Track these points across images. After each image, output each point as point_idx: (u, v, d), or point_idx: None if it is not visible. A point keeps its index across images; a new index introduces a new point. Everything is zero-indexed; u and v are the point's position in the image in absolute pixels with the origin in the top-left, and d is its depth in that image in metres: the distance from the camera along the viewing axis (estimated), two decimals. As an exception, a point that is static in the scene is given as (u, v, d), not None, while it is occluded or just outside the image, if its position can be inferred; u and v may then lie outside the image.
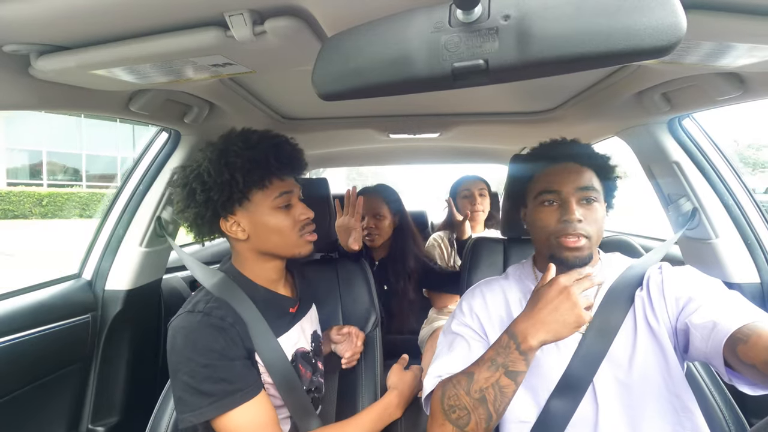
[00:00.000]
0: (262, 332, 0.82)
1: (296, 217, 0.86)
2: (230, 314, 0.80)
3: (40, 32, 0.65)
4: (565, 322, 0.69)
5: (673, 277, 0.81)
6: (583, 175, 0.83)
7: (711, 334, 0.67)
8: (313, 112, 1.48)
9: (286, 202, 0.85)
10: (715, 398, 0.88)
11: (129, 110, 1.00)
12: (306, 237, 0.88)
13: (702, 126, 1.19)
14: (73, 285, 1.24)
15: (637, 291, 0.82)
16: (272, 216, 0.83)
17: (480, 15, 0.44)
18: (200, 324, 0.77)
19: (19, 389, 1.03)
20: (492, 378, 0.71)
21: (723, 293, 0.75)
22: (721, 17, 0.59)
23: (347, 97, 0.51)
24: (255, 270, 0.88)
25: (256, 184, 0.81)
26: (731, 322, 0.65)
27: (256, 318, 0.82)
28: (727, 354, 0.64)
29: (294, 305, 0.94)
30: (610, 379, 0.77)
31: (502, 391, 0.71)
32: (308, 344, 0.95)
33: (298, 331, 0.93)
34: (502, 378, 0.71)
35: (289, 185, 0.86)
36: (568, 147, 0.91)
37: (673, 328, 0.77)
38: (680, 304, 0.76)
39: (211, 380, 0.74)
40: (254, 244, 0.86)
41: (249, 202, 0.82)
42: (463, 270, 1.26)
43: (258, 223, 0.83)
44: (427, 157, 2.48)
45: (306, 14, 0.62)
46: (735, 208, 1.15)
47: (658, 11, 0.40)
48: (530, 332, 0.70)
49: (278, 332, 0.87)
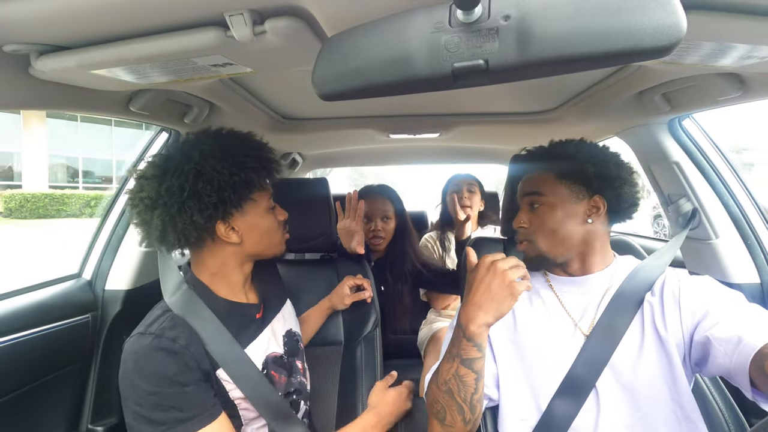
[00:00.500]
0: (225, 346, 0.78)
1: (277, 217, 0.90)
2: (184, 335, 0.74)
3: (40, 32, 0.65)
4: (500, 298, 0.71)
5: (692, 287, 0.78)
6: (532, 180, 0.88)
7: (736, 350, 0.64)
8: (313, 112, 1.48)
9: (273, 205, 0.89)
10: (715, 398, 0.87)
11: (129, 110, 1.00)
12: (283, 237, 0.92)
13: (702, 126, 1.19)
14: (73, 285, 1.24)
15: (647, 295, 0.80)
16: (265, 218, 0.86)
17: (480, 15, 0.44)
18: (149, 348, 0.71)
19: (19, 389, 1.03)
20: (451, 369, 0.74)
21: (745, 306, 0.72)
22: (721, 17, 0.59)
23: (347, 97, 0.51)
24: (223, 278, 0.84)
25: (256, 185, 0.83)
26: (758, 337, 0.62)
27: (218, 333, 0.78)
28: (753, 370, 0.61)
29: (259, 310, 0.90)
30: (613, 383, 0.76)
31: (463, 380, 0.73)
32: (280, 347, 0.92)
33: (268, 335, 0.90)
34: (459, 368, 0.73)
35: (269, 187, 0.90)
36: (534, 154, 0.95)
37: (687, 340, 0.74)
38: (697, 317, 0.73)
39: (161, 408, 0.69)
40: (243, 248, 0.84)
41: (250, 204, 0.83)
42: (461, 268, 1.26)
43: (253, 226, 0.84)
44: (427, 157, 2.48)
45: (306, 14, 0.62)
46: (735, 208, 1.15)
47: (659, 11, 0.40)
48: (470, 317, 0.72)
49: (245, 342, 0.83)
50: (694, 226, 1.17)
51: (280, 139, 1.67)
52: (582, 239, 0.84)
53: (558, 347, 0.81)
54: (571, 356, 0.79)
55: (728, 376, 0.67)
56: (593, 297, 0.84)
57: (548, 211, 0.84)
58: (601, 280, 0.85)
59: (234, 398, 0.80)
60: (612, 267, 0.86)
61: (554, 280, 0.89)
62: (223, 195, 0.77)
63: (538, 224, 0.85)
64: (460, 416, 0.74)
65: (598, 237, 0.85)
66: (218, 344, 0.77)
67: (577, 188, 0.84)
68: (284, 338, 0.94)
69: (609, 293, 0.83)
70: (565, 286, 0.87)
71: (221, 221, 0.80)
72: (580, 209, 0.83)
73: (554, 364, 0.80)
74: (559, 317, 0.85)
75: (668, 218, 1.27)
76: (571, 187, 0.84)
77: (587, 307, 0.84)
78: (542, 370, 0.81)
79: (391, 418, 0.98)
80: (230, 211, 0.80)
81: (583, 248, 0.85)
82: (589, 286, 0.85)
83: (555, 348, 0.81)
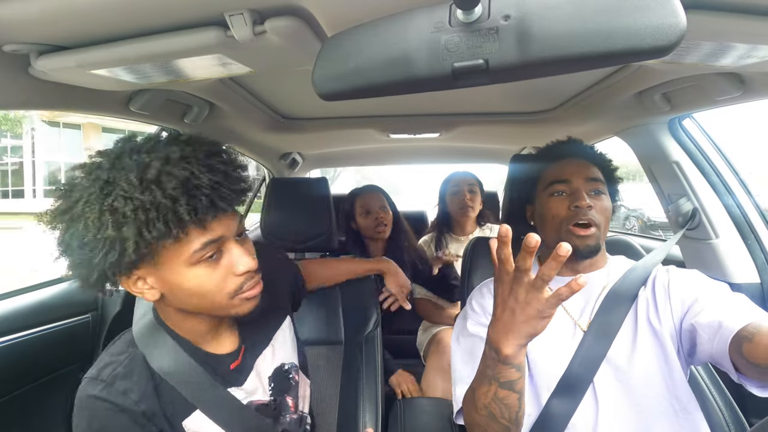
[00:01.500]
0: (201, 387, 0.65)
1: (228, 270, 0.61)
2: (138, 387, 0.62)
3: (40, 32, 0.65)
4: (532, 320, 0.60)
5: (680, 279, 0.81)
6: (591, 168, 0.87)
7: (717, 334, 0.67)
8: (313, 112, 1.48)
9: (211, 253, 0.60)
10: (715, 398, 0.87)
11: (129, 110, 1.00)
12: (243, 296, 0.63)
13: (702, 126, 1.19)
14: (73, 285, 1.24)
15: (640, 291, 0.82)
16: (188, 275, 0.59)
17: (480, 15, 0.44)
18: (96, 399, 0.60)
19: (19, 389, 1.03)
20: (490, 393, 0.67)
21: (729, 295, 0.75)
22: (721, 17, 0.59)
23: (347, 97, 0.51)
24: (181, 325, 0.68)
25: (161, 239, 0.54)
26: (736, 321, 0.65)
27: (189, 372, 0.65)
28: (733, 354, 0.63)
29: (234, 359, 0.72)
30: (610, 379, 0.77)
31: (504, 402, 0.66)
32: (266, 392, 0.75)
33: (252, 380, 0.73)
34: (498, 391, 0.66)
35: (218, 230, 0.60)
36: (576, 144, 0.94)
37: (678, 330, 0.77)
38: (685, 306, 0.76)
39: None
40: (171, 303, 0.64)
41: (154, 258, 0.58)
42: (463, 270, 1.26)
43: (170, 283, 0.60)
44: (428, 157, 2.48)
45: (306, 14, 0.62)
46: (735, 208, 1.15)
47: (659, 11, 0.40)
48: (502, 341, 0.63)
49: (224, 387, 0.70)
50: (693, 225, 1.17)
51: (280, 139, 1.67)
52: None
53: (558, 345, 0.82)
54: (568, 354, 0.79)
55: (714, 361, 0.70)
56: (591, 295, 0.85)
57: (607, 200, 0.85)
58: (599, 279, 0.86)
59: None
60: (608, 266, 0.88)
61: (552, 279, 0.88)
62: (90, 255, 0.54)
63: (601, 209, 0.83)
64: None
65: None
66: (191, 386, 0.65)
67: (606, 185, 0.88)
68: (270, 380, 0.77)
69: (605, 291, 0.84)
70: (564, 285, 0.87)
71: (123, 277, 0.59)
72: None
73: (554, 362, 0.80)
74: (559, 316, 0.85)
75: (668, 218, 1.27)
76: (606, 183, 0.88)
77: (585, 305, 0.85)
78: (542, 367, 0.81)
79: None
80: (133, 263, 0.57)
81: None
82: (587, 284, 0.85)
83: (555, 346, 0.82)
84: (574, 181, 0.84)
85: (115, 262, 0.55)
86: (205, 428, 0.67)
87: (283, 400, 0.78)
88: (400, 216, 1.82)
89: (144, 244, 0.54)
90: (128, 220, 0.53)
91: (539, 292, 0.58)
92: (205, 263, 0.60)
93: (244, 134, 1.49)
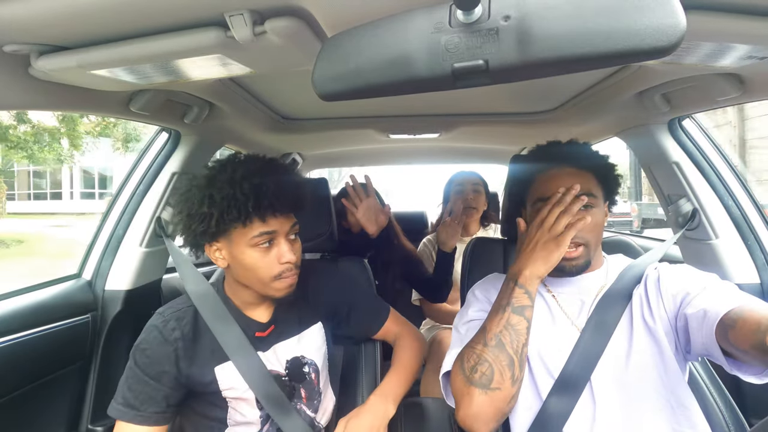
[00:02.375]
0: (236, 345, 0.85)
1: (275, 258, 0.83)
2: (183, 327, 0.85)
3: (40, 32, 0.65)
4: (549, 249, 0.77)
5: (670, 274, 0.82)
6: (581, 178, 0.82)
7: (703, 322, 0.68)
8: (313, 113, 1.48)
9: (266, 242, 0.82)
10: (714, 398, 0.88)
11: (129, 110, 1.00)
12: (281, 282, 0.84)
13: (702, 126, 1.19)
14: (73, 285, 1.24)
15: (635, 289, 0.82)
16: (248, 254, 0.82)
17: (480, 15, 0.44)
18: (151, 327, 0.85)
19: (19, 389, 1.03)
20: (503, 320, 0.75)
21: (716, 284, 0.76)
22: (721, 17, 0.59)
23: (347, 97, 0.51)
24: (236, 292, 0.91)
25: (234, 221, 0.79)
26: (720, 306, 0.66)
27: (229, 332, 0.85)
28: (721, 341, 0.64)
29: (263, 330, 0.91)
30: (607, 376, 0.77)
31: (515, 329, 0.75)
32: (282, 368, 0.91)
33: (270, 355, 0.91)
34: (511, 316, 0.75)
35: (273, 225, 0.82)
36: (566, 149, 0.90)
37: (673, 326, 0.77)
38: (677, 301, 0.77)
39: (127, 384, 0.83)
40: (233, 273, 0.88)
41: (228, 235, 0.82)
42: (463, 270, 1.26)
43: (235, 257, 0.83)
44: (427, 157, 2.48)
45: (306, 14, 0.62)
46: (735, 209, 1.15)
47: (659, 11, 0.40)
48: (522, 267, 0.78)
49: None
50: (693, 226, 1.17)
51: (280, 139, 1.67)
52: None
53: (556, 345, 0.82)
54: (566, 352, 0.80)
55: (706, 351, 0.70)
56: (588, 295, 0.85)
57: (598, 212, 0.82)
58: (596, 279, 0.87)
59: (227, 397, 0.86)
60: (605, 266, 0.89)
61: (549, 280, 0.89)
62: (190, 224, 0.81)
63: (591, 228, 0.80)
64: (509, 371, 0.72)
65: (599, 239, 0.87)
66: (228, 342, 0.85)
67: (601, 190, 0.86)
68: (288, 363, 0.92)
69: (603, 291, 0.84)
70: (560, 287, 0.88)
71: (207, 245, 0.85)
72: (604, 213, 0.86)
73: (554, 360, 0.81)
74: (557, 316, 0.85)
75: (668, 218, 1.27)
76: (601, 188, 0.85)
77: (582, 306, 0.85)
78: (544, 365, 0.81)
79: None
80: (209, 238, 0.83)
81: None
82: (584, 285, 0.87)
83: (553, 345, 0.82)
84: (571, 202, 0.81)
85: (203, 231, 0.80)
86: (233, 379, 0.85)
87: (296, 386, 0.92)
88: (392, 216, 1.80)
89: (222, 222, 0.79)
90: (216, 204, 0.78)
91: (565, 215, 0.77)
92: (260, 248, 0.82)
93: (244, 134, 1.49)
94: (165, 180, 1.29)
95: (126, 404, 0.82)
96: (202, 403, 0.88)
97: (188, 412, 0.91)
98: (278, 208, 0.81)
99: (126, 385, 0.83)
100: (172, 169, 1.29)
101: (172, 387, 0.84)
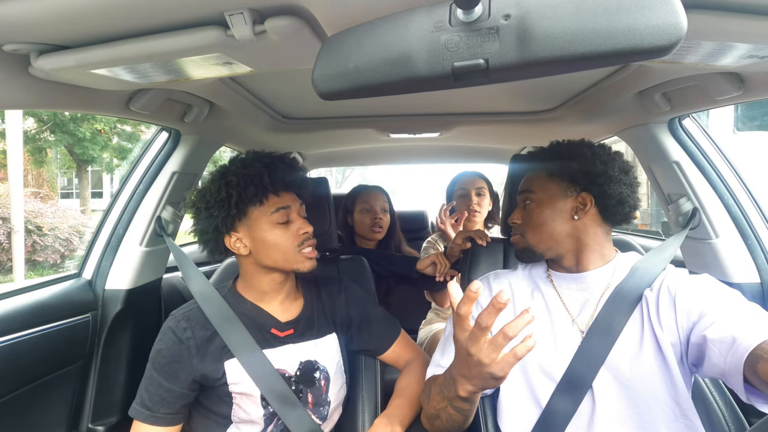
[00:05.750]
0: (240, 342, 0.88)
1: (295, 231, 0.89)
2: (194, 326, 0.89)
3: (40, 32, 0.65)
4: (484, 376, 0.61)
5: (689, 288, 0.77)
6: (527, 179, 0.93)
7: (730, 350, 0.63)
8: (313, 112, 1.48)
9: (284, 218, 0.89)
10: (715, 398, 0.87)
11: (129, 110, 1.00)
12: (304, 253, 0.90)
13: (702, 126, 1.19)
14: (73, 284, 1.24)
15: (646, 292, 0.79)
16: (270, 231, 0.87)
17: (480, 14, 0.44)
18: (165, 329, 0.89)
19: (19, 389, 1.03)
20: (441, 405, 0.76)
21: (742, 306, 0.70)
22: (721, 17, 0.59)
23: (347, 96, 0.51)
24: (252, 283, 0.93)
25: (251, 200, 0.86)
26: (752, 337, 0.61)
27: (232, 328, 0.88)
28: (748, 371, 0.60)
29: (280, 328, 0.93)
30: (608, 379, 0.77)
31: (452, 418, 0.76)
32: (293, 369, 0.92)
33: (282, 353, 0.92)
34: (449, 408, 0.75)
35: (287, 200, 0.90)
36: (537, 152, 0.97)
37: (683, 340, 0.74)
38: (692, 318, 0.73)
39: (144, 385, 0.88)
40: (256, 259, 0.90)
41: (247, 218, 0.88)
42: (463, 270, 1.26)
43: (258, 239, 0.88)
44: (428, 156, 2.48)
45: (306, 14, 0.62)
46: (735, 208, 1.15)
47: (659, 11, 0.40)
48: (458, 382, 0.67)
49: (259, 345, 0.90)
50: (693, 225, 1.17)
51: (280, 138, 1.67)
52: (570, 235, 0.86)
53: (554, 342, 0.82)
54: (567, 352, 0.79)
55: (723, 377, 0.66)
56: (592, 293, 0.85)
57: (536, 208, 0.88)
58: (601, 277, 0.85)
59: (233, 392, 0.88)
60: (613, 264, 0.86)
61: (555, 275, 0.90)
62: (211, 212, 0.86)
63: (527, 219, 0.90)
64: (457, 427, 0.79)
65: (589, 234, 0.85)
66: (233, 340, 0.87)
67: (565, 185, 0.87)
68: (300, 365, 0.93)
69: (609, 290, 0.83)
70: (565, 282, 0.88)
71: (226, 235, 0.88)
72: (567, 206, 0.86)
73: (551, 360, 0.80)
74: (557, 312, 0.85)
75: (668, 218, 1.27)
76: (559, 184, 0.87)
77: (585, 303, 0.84)
78: (539, 365, 0.81)
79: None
80: (230, 225, 0.87)
81: (574, 244, 0.86)
82: (587, 282, 0.86)
83: (552, 343, 0.82)
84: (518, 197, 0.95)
85: (225, 217, 0.85)
86: (240, 375, 0.88)
87: (303, 389, 0.93)
88: (397, 221, 1.85)
89: (241, 203, 0.85)
90: (233, 186, 0.85)
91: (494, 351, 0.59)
92: (280, 227, 0.88)
93: (244, 134, 1.49)
94: (165, 179, 1.29)
95: (142, 405, 0.86)
96: (211, 397, 0.90)
97: (196, 405, 0.93)
98: (289, 182, 0.90)
99: (143, 386, 0.88)
100: (173, 168, 1.29)
101: (188, 387, 0.87)
